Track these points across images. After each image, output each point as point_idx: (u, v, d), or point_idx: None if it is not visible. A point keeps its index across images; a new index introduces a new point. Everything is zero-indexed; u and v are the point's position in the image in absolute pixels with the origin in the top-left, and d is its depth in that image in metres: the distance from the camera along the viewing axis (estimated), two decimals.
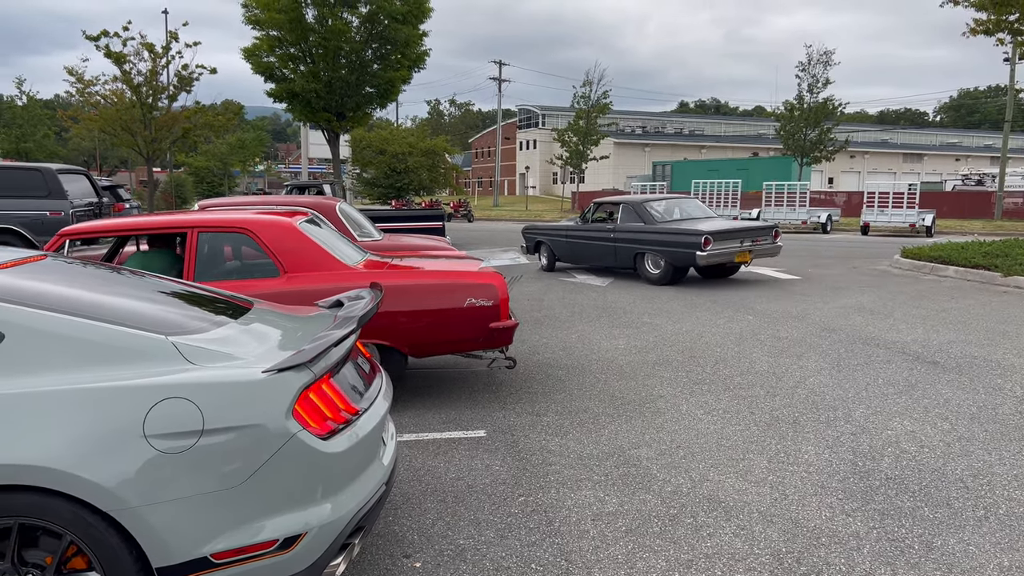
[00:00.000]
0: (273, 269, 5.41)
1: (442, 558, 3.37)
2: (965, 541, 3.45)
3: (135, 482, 2.34)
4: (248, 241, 5.52)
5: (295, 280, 5.35)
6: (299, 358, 2.60)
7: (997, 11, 15.70)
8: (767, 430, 4.99)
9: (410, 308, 5.39)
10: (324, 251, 5.54)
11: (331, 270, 5.45)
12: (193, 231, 5.42)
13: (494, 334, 5.49)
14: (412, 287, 5.46)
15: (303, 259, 5.42)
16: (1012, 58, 31.89)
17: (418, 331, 5.43)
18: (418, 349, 5.53)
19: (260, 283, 5.33)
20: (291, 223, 5.59)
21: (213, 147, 47.85)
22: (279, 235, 5.46)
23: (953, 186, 50.88)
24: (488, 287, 5.47)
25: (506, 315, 5.51)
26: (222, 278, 5.41)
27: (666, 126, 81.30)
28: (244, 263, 5.70)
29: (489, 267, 5.89)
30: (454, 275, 5.58)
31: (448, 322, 5.42)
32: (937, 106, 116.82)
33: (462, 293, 5.43)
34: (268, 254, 5.42)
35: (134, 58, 28.00)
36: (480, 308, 5.43)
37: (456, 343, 5.57)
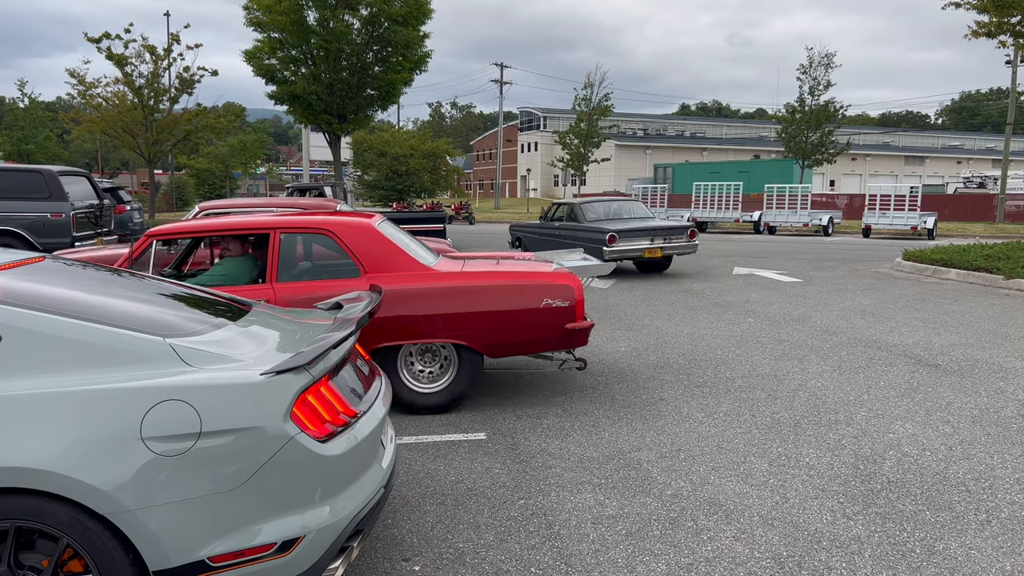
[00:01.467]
0: (354, 270, 5.46)
1: (441, 561, 3.36)
2: (967, 545, 3.43)
3: (132, 485, 2.33)
4: (329, 242, 5.57)
5: (375, 280, 5.39)
6: (297, 360, 2.59)
7: (999, 13, 15.68)
8: (768, 433, 4.98)
9: (487, 308, 5.39)
10: (403, 252, 5.58)
11: (410, 270, 5.49)
12: (276, 232, 5.45)
13: (570, 335, 5.48)
14: (489, 287, 5.45)
15: (383, 260, 5.46)
16: (1014, 60, 31.89)
17: (494, 331, 5.42)
18: (494, 349, 5.52)
19: (341, 283, 5.38)
20: (370, 224, 5.63)
21: (214, 149, 47.87)
22: (360, 236, 5.50)
23: (955, 189, 50.86)
24: (564, 288, 5.47)
25: (582, 316, 5.51)
26: (303, 278, 5.50)
27: (667, 128, 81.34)
28: (325, 264, 5.73)
29: (562, 268, 5.89)
30: (530, 276, 5.57)
31: (524, 323, 5.43)
32: (939, 108, 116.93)
33: (538, 294, 5.44)
34: (349, 255, 5.46)
35: (135, 60, 28.07)
36: (556, 309, 5.43)
37: (532, 344, 5.56)
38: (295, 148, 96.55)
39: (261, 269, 5.69)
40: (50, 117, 51.57)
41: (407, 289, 5.31)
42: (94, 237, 12.67)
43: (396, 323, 5.29)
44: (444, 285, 5.37)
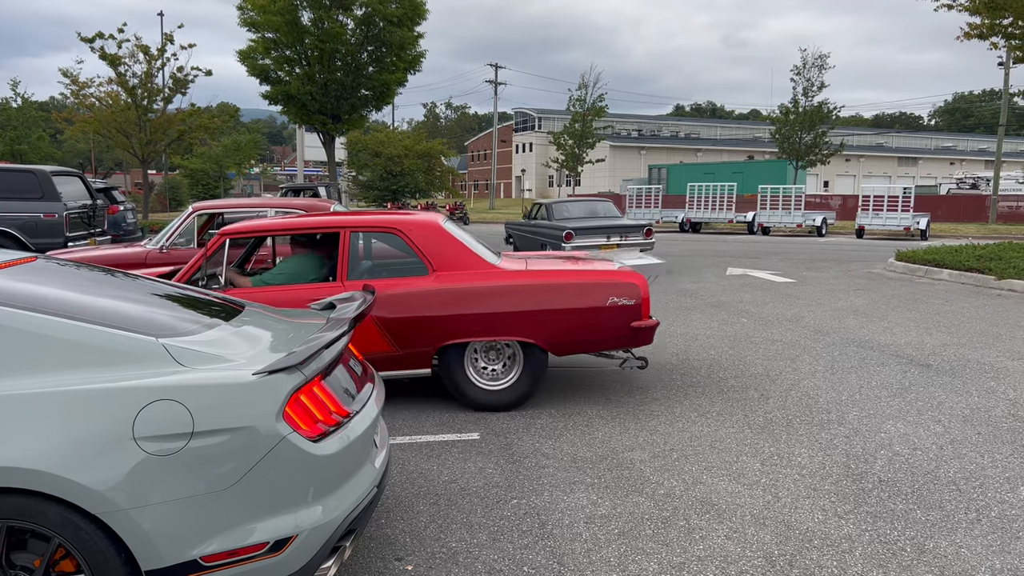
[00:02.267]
0: (422, 268, 5.50)
1: (434, 561, 3.37)
2: (957, 544, 3.45)
3: (124, 485, 2.33)
4: (398, 241, 5.63)
5: (443, 278, 5.44)
6: (290, 360, 2.60)
7: (991, 15, 15.76)
8: (760, 433, 5.00)
9: (553, 306, 5.41)
10: (469, 250, 5.64)
11: (477, 268, 5.53)
12: (345, 231, 5.53)
13: (636, 333, 5.49)
14: (555, 285, 5.47)
15: (450, 258, 5.52)
16: (1006, 62, 32.02)
17: (560, 329, 5.44)
18: (559, 347, 5.53)
19: (409, 281, 5.43)
20: (437, 222, 5.68)
21: (208, 149, 47.77)
22: (427, 234, 5.55)
23: (948, 190, 51.09)
24: (630, 286, 5.47)
25: (647, 314, 5.52)
26: (372, 276, 5.56)
27: (662, 129, 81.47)
28: (393, 262, 5.76)
29: (626, 267, 5.90)
30: (597, 274, 5.58)
31: (590, 321, 5.44)
32: (932, 110, 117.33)
33: (604, 292, 5.45)
34: (417, 253, 5.51)
35: (129, 60, 27.97)
36: (622, 307, 5.44)
37: (597, 342, 5.57)
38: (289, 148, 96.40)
39: (330, 267, 5.79)
40: (43, 117, 51.39)
41: (475, 287, 5.37)
42: (87, 237, 12.64)
43: (464, 320, 5.35)
44: (511, 283, 5.42)
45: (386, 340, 5.33)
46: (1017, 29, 15.88)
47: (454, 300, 5.32)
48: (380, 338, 5.32)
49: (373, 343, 5.33)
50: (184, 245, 8.25)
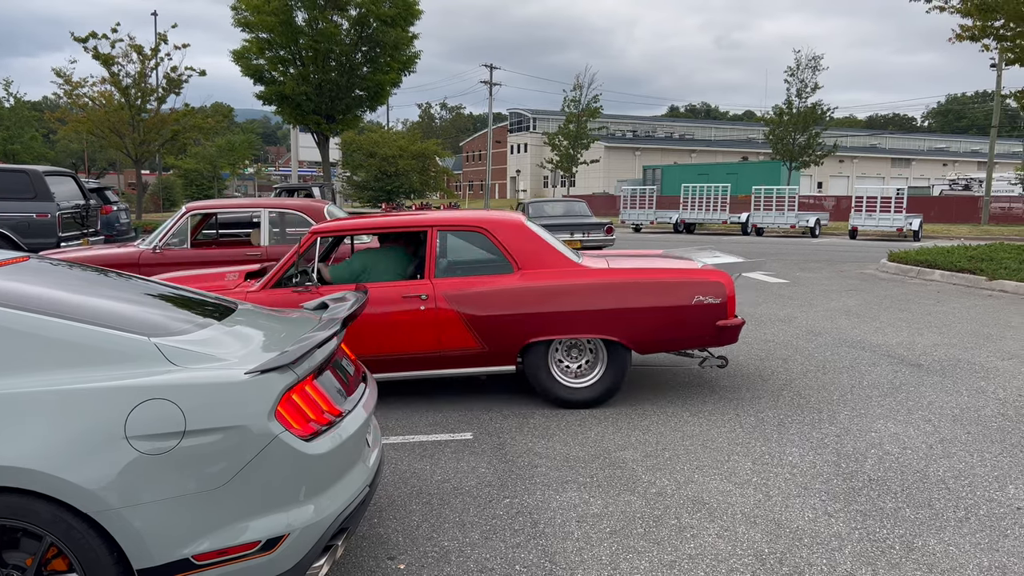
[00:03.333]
0: (507, 266, 5.56)
1: (426, 560, 3.38)
2: (946, 542, 3.48)
3: (116, 484, 2.34)
4: (483, 239, 5.69)
5: (528, 276, 5.49)
6: (282, 359, 2.61)
7: (982, 17, 15.83)
8: (752, 432, 5.02)
9: (638, 304, 5.43)
10: (553, 248, 5.68)
11: (561, 267, 5.58)
12: (432, 230, 5.62)
13: (721, 332, 5.50)
14: (640, 284, 5.49)
15: (534, 256, 5.58)
16: (999, 64, 32.17)
17: (645, 327, 5.46)
18: (643, 345, 5.55)
19: (495, 279, 5.50)
20: (521, 221, 5.76)
21: (202, 150, 47.68)
22: (512, 233, 5.63)
23: (941, 191, 51.30)
24: (716, 284, 5.48)
25: (733, 313, 5.52)
26: (459, 274, 5.61)
27: (656, 130, 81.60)
28: (477, 260, 5.83)
29: (711, 265, 5.92)
30: (682, 273, 5.60)
31: (675, 319, 5.46)
32: (925, 111, 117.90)
33: (690, 290, 5.46)
34: (503, 252, 5.58)
35: (122, 60, 27.94)
36: (708, 306, 5.45)
37: (682, 340, 5.59)
38: (284, 149, 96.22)
39: (417, 265, 5.89)
40: (36, 117, 51.20)
41: (561, 285, 5.43)
42: (80, 238, 12.61)
43: (549, 318, 5.40)
44: (596, 281, 5.45)
45: (473, 337, 5.42)
46: (1009, 31, 15.95)
47: (540, 298, 5.40)
48: (467, 335, 5.41)
49: (460, 340, 5.42)
50: (177, 245, 8.25)
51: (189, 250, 8.25)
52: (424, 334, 5.41)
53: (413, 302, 5.42)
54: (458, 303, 5.40)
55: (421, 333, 5.41)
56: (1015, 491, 4.02)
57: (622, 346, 5.52)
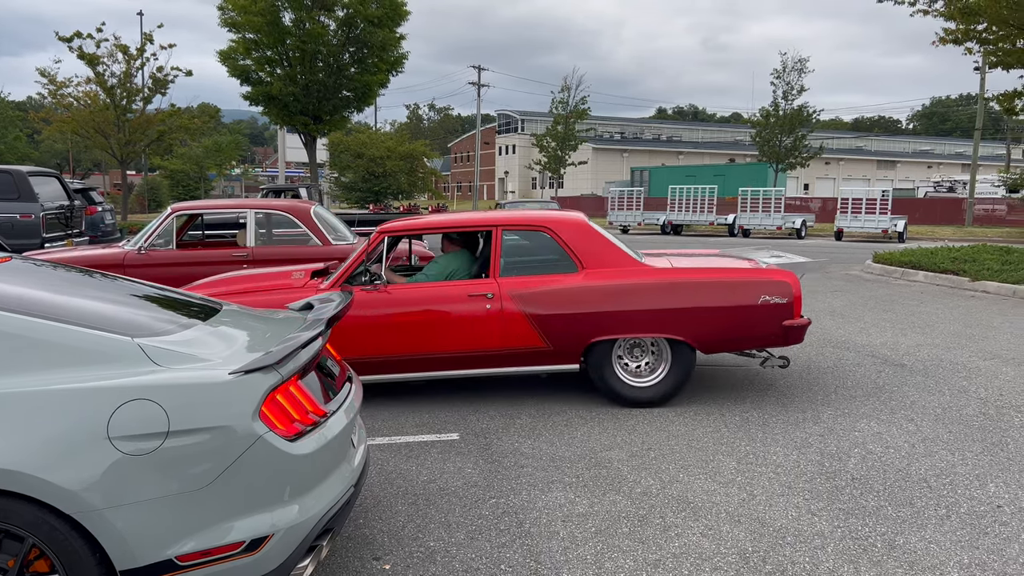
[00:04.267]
0: (571, 265, 5.60)
1: (412, 560, 3.38)
2: (927, 539, 3.52)
3: (99, 485, 2.33)
4: (547, 239, 5.72)
5: (592, 276, 5.52)
6: (266, 360, 2.60)
7: (965, 21, 15.99)
8: (737, 431, 5.05)
9: (704, 304, 5.44)
10: (617, 247, 5.70)
11: (625, 266, 5.60)
12: (498, 229, 5.68)
13: (787, 332, 5.50)
14: (706, 283, 5.50)
15: (598, 255, 5.61)
16: (982, 67, 32.50)
17: (710, 327, 5.47)
18: (708, 345, 5.57)
19: (560, 278, 5.55)
20: (584, 221, 5.79)
21: (188, 150, 47.41)
22: (576, 232, 5.67)
23: (925, 193, 51.76)
24: (782, 284, 5.48)
25: (799, 313, 5.52)
26: (523, 273, 5.64)
27: (644, 132, 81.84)
28: (541, 259, 5.86)
29: (772, 265, 5.90)
30: (748, 272, 5.61)
31: (741, 319, 5.46)
32: (910, 114, 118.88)
33: (756, 290, 5.46)
34: (566, 251, 5.61)
35: (107, 60, 27.76)
36: (774, 305, 5.45)
37: (747, 340, 5.59)
38: (271, 149, 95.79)
39: (481, 264, 5.97)
40: (20, 117, 50.77)
41: (625, 284, 5.46)
42: (64, 238, 12.51)
43: (614, 317, 5.42)
44: (662, 281, 5.48)
45: (538, 336, 5.45)
46: (991, 35, 16.13)
47: (605, 297, 5.43)
48: (532, 334, 5.45)
49: (525, 338, 5.46)
50: (163, 246, 8.20)
51: (174, 251, 8.21)
52: (489, 332, 5.46)
53: (479, 301, 5.47)
54: (523, 302, 5.45)
55: (486, 331, 5.46)
56: (995, 489, 4.07)
57: (687, 346, 5.54)
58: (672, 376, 5.57)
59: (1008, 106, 17.81)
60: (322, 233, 8.37)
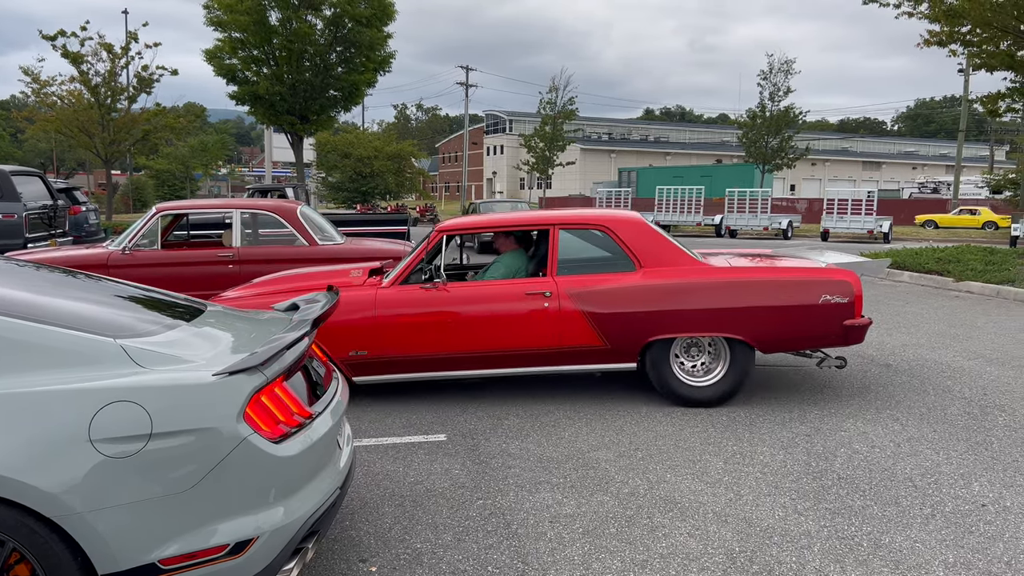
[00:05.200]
0: (629, 264, 5.59)
1: (398, 562, 3.36)
2: (912, 538, 3.53)
3: (80, 488, 2.30)
4: (604, 238, 5.71)
5: (651, 275, 5.51)
6: (251, 361, 2.58)
7: (949, 23, 16.11)
8: (724, 431, 5.06)
9: (764, 303, 5.42)
10: (675, 246, 5.70)
11: (683, 264, 5.59)
12: (555, 228, 5.71)
13: (848, 332, 5.47)
14: (767, 282, 5.48)
15: (657, 254, 5.61)
16: (966, 69, 32.75)
17: (770, 326, 5.45)
18: (767, 344, 5.54)
19: (618, 277, 5.55)
20: (642, 219, 5.79)
21: (174, 150, 47.10)
22: (634, 231, 5.66)
23: (910, 194, 52.15)
24: (843, 284, 5.45)
25: (860, 312, 5.49)
26: (579, 272, 5.64)
27: (632, 133, 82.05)
28: (600, 258, 5.86)
29: (834, 264, 5.89)
30: (809, 272, 5.58)
31: (801, 318, 5.43)
32: (895, 115, 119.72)
33: (817, 289, 5.43)
34: (624, 250, 5.61)
35: (92, 58, 27.52)
36: (835, 305, 5.42)
37: (807, 340, 5.56)
38: (258, 149, 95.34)
39: (537, 263, 6.01)
40: (3, 116, 50.30)
41: (684, 283, 5.45)
42: (48, 238, 12.39)
43: (673, 316, 5.42)
44: (722, 279, 5.47)
45: (596, 334, 5.45)
46: (975, 37, 16.26)
47: (664, 296, 5.43)
48: (590, 332, 5.45)
49: (582, 337, 5.47)
50: (147, 246, 8.14)
51: (159, 251, 8.14)
52: (546, 330, 5.47)
53: (536, 299, 5.49)
54: (581, 300, 5.46)
55: (543, 329, 5.47)
56: (980, 488, 4.10)
57: (746, 345, 5.53)
58: (731, 376, 5.55)
59: (991, 108, 17.95)
60: (309, 233, 8.32)
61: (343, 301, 5.53)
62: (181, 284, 7.55)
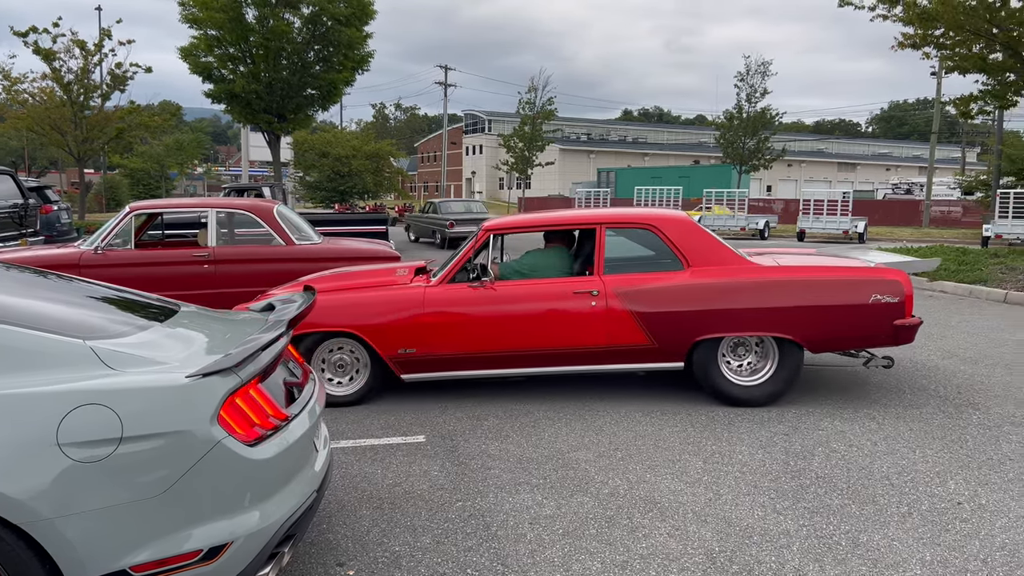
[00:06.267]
0: (677, 263, 5.58)
1: (376, 565, 3.32)
2: (889, 537, 3.55)
3: (48, 493, 2.24)
4: (651, 236, 5.69)
5: (700, 273, 5.49)
6: (225, 362, 2.53)
7: (923, 26, 16.32)
8: (703, 431, 5.07)
9: (814, 302, 5.39)
10: (723, 245, 5.67)
11: (732, 264, 5.57)
12: (601, 227, 5.70)
13: (898, 332, 5.43)
14: (816, 282, 5.45)
15: (705, 253, 5.60)
16: (939, 72, 33.22)
17: (819, 326, 5.42)
18: (816, 344, 5.51)
19: (666, 276, 5.56)
20: (690, 219, 5.75)
21: (149, 149, 46.51)
22: (682, 230, 5.65)
23: (884, 195, 52.78)
24: (894, 283, 5.42)
25: (910, 312, 5.45)
26: (626, 271, 5.61)
27: (610, 133, 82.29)
28: (647, 257, 5.81)
29: (882, 263, 5.86)
30: (859, 271, 5.55)
31: (851, 318, 5.41)
32: (869, 117, 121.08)
33: (868, 288, 5.41)
34: (672, 248, 5.59)
35: (64, 55, 27.08)
36: (886, 305, 5.39)
37: (856, 339, 5.52)
38: (234, 148, 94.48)
39: (582, 261, 5.99)
40: None
41: (734, 282, 5.44)
42: (18, 238, 12.16)
43: (723, 315, 5.41)
44: (771, 279, 5.45)
45: (643, 333, 5.44)
46: (948, 40, 16.48)
47: (713, 295, 5.42)
48: (637, 331, 5.44)
49: (630, 336, 5.45)
50: (121, 246, 8.00)
51: (133, 251, 8.01)
52: (593, 329, 5.47)
53: (583, 298, 5.49)
54: (629, 299, 5.45)
55: (590, 328, 5.47)
56: (955, 486, 4.13)
57: (795, 345, 5.51)
58: (779, 375, 5.55)
59: (964, 110, 18.20)
60: (285, 233, 8.24)
61: (393, 299, 5.61)
62: (155, 284, 7.45)
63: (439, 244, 21.80)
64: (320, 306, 5.59)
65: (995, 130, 32.20)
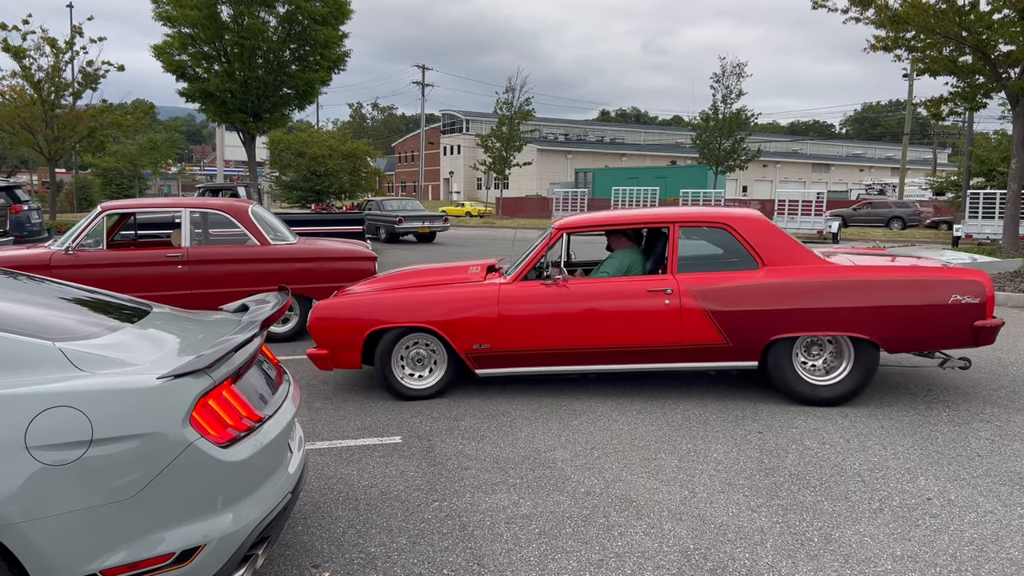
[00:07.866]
0: (751, 262, 5.55)
1: (352, 567, 3.31)
2: (861, 533, 3.60)
3: (16, 497, 2.20)
4: (726, 235, 5.66)
5: (775, 273, 5.47)
6: (197, 364, 2.51)
7: (894, 29, 16.56)
8: (679, 430, 5.10)
9: (892, 303, 5.36)
10: (798, 245, 5.66)
11: (807, 263, 5.54)
12: (675, 226, 5.71)
13: (978, 333, 5.38)
14: (895, 282, 5.42)
15: (781, 252, 5.57)
16: (910, 74, 33.69)
17: (897, 326, 5.39)
18: (893, 344, 5.48)
19: (741, 275, 5.55)
20: (763, 218, 5.74)
21: (122, 148, 45.89)
22: (757, 229, 5.62)
23: (858, 195, 53.42)
24: (975, 284, 5.38)
25: (991, 313, 5.40)
26: (699, 269, 5.59)
27: (588, 134, 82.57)
28: (720, 256, 5.78)
29: (959, 263, 5.84)
30: (937, 271, 5.52)
31: (930, 318, 5.37)
32: (843, 119, 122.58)
33: (947, 289, 5.37)
34: (746, 248, 5.57)
35: (34, 53, 26.62)
36: (966, 305, 5.34)
37: (934, 340, 5.48)
38: (209, 148, 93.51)
39: (655, 260, 6.12)
40: None
41: (810, 282, 5.42)
42: None
43: (798, 315, 5.40)
44: (848, 278, 5.43)
45: (717, 332, 5.44)
46: (919, 42, 16.73)
47: (789, 294, 5.41)
48: (711, 330, 5.44)
49: (703, 334, 5.46)
50: (92, 246, 7.89)
51: (104, 251, 7.91)
52: (667, 327, 5.49)
53: (657, 296, 5.50)
54: (703, 298, 5.45)
55: (663, 326, 5.49)
56: (925, 482, 4.20)
57: (871, 345, 5.50)
58: (855, 375, 5.54)
59: (935, 112, 18.49)
60: (261, 233, 8.17)
61: (469, 296, 5.66)
62: (128, 285, 7.35)
63: (384, 239, 23.96)
64: (399, 303, 5.70)
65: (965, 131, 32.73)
